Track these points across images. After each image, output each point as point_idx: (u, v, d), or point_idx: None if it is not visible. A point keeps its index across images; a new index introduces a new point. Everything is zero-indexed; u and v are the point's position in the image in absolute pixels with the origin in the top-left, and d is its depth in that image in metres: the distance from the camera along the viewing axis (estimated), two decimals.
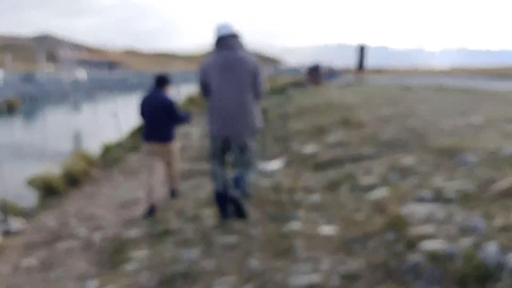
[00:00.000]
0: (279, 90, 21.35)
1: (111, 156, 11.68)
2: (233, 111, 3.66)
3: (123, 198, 6.55)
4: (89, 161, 10.40)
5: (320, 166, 4.85)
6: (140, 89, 33.27)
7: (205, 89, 3.78)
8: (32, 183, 9.23)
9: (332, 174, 4.49)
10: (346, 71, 30.93)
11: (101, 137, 16.43)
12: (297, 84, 21.66)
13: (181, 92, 26.36)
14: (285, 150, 6.52)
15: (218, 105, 3.68)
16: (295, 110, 10.92)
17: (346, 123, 7.14)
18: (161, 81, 5.35)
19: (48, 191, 8.49)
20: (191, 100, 23.15)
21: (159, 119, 5.23)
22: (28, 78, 38.83)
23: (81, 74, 49.11)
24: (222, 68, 3.67)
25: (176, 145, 5.46)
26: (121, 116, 18.03)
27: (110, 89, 35.15)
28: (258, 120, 3.74)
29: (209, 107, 3.76)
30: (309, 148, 5.59)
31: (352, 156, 4.83)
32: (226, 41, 3.72)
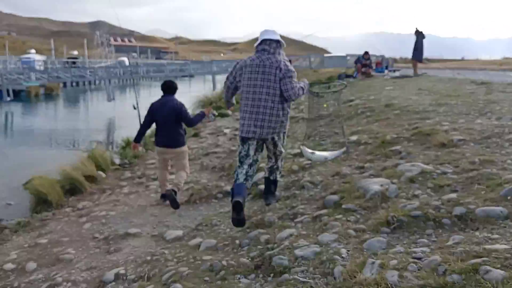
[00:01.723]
0: (323, 83, 19.19)
1: (130, 153, 10.24)
2: (261, 115, 3.88)
3: (112, 229, 4.93)
4: (102, 162, 9.01)
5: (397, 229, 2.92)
6: (181, 76, 32.30)
7: (230, 84, 4.17)
8: (29, 187, 7.93)
9: None
10: (396, 62, 28.06)
11: (129, 130, 15.20)
12: (344, 76, 19.38)
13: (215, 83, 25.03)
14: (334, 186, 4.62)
15: (248, 107, 3.94)
16: (345, 109, 8.91)
17: (421, 137, 5.11)
18: (171, 89, 5.63)
19: (42, 201, 7.13)
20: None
21: (171, 124, 5.46)
22: (72, 63, 38.90)
23: (124, 60, 48.91)
24: (256, 71, 3.89)
25: (186, 150, 5.82)
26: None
27: (152, 75, 34.20)
28: (284, 125, 4.12)
29: (241, 106, 4.01)
30: (375, 186, 3.65)
31: (456, 215, 2.86)
32: (268, 45, 3.95)
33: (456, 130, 5.04)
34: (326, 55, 22.11)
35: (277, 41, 3.98)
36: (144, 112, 5.96)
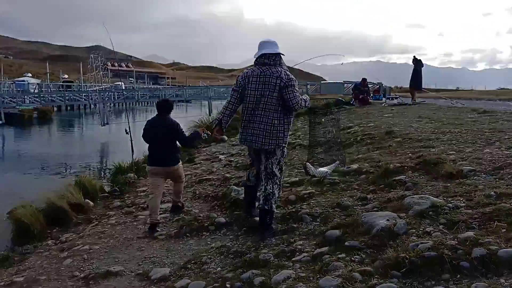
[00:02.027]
0: (321, 109, 19.04)
1: (121, 180, 9.88)
2: (259, 124, 3.95)
3: (94, 266, 4.53)
4: (91, 189, 8.63)
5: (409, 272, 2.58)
6: (178, 101, 32.14)
7: (237, 94, 4.15)
8: (12, 217, 7.52)
9: None
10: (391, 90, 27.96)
11: (122, 155, 14.86)
12: (341, 103, 19.25)
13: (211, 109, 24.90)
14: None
15: (248, 117, 4.02)
16: (344, 136, 8.65)
17: (427, 166, 4.81)
18: (165, 107, 5.55)
19: (24, 232, 6.71)
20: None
21: (165, 142, 5.45)
22: (67, 86, 38.80)
23: (120, 84, 48.99)
24: (257, 82, 3.96)
25: (180, 167, 5.84)
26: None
27: (147, 100, 34.17)
28: (284, 136, 4.06)
29: (242, 118, 4.11)
30: (381, 221, 3.31)
31: (476, 257, 2.53)
32: (267, 58, 3.99)
33: (464, 160, 4.74)
34: (322, 82, 22.03)
35: (277, 54, 4.03)
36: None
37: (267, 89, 3.91)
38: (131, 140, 10.51)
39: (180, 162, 5.87)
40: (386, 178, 4.83)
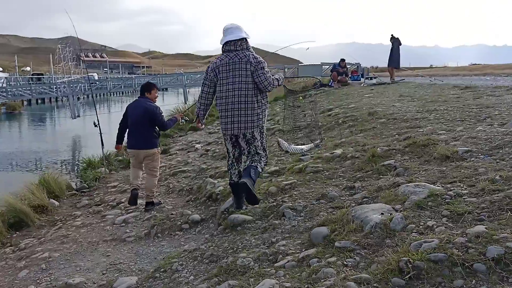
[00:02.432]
0: (299, 92, 18.60)
1: (90, 176, 9.29)
2: (237, 111, 3.95)
3: (52, 277, 4.01)
4: (56, 187, 8.01)
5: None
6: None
7: (208, 89, 4.13)
8: None
9: None
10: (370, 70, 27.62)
11: (94, 149, 14.16)
12: (319, 85, 18.84)
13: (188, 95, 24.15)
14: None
15: (224, 105, 4.01)
16: (325, 119, 8.22)
17: (417, 149, 4.41)
18: (146, 88, 5.71)
19: None
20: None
21: (142, 125, 5.49)
22: (37, 79, 37.14)
23: (94, 75, 47.36)
24: (227, 69, 3.97)
25: (157, 152, 5.75)
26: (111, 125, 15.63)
27: (119, 90, 33.11)
28: (262, 117, 4.09)
29: (217, 105, 4.09)
30: (374, 216, 2.88)
31: (492, 258, 2.12)
32: (231, 45, 4.01)
33: (457, 140, 4.36)
34: (300, 65, 21.52)
35: (242, 39, 4.03)
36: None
37: (239, 75, 3.94)
38: (101, 133, 9.84)
39: (158, 149, 5.82)
40: (374, 164, 4.42)
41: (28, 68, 55.14)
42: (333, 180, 4.40)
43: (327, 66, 22.29)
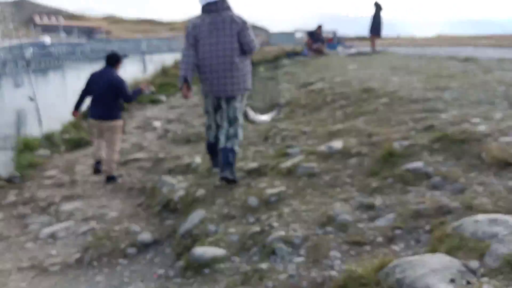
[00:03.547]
0: (270, 62, 17.19)
1: (25, 161, 7.69)
2: (223, 72, 3.74)
3: None
4: None
5: None
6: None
7: (189, 51, 3.78)
8: None
9: None
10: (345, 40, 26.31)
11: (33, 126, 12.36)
12: (292, 54, 17.48)
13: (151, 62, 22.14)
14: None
15: (207, 66, 3.76)
16: (309, 97, 6.93)
17: (451, 145, 3.21)
18: (112, 59, 5.53)
19: None
20: (163, 72, 18.77)
21: (107, 96, 5.33)
22: None
23: (46, 40, 43.62)
24: (210, 29, 3.73)
25: (120, 124, 5.58)
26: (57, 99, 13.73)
27: (79, 58, 30.48)
28: (248, 80, 3.90)
29: (199, 68, 3.82)
30: (441, 286, 1.64)
31: None
32: (212, 5, 3.74)
33: (507, 135, 3.18)
34: (272, 32, 19.94)
35: (221, 0, 3.77)
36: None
37: (223, 35, 3.71)
38: (37, 109, 8.19)
39: (120, 121, 5.57)
40: (392, 166, 3.20)
41: None
42: (338, 189, 3.15)
43: (301, 34, 20.85)
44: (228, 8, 3.80)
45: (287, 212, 2.95)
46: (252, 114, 5.20)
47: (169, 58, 26.95)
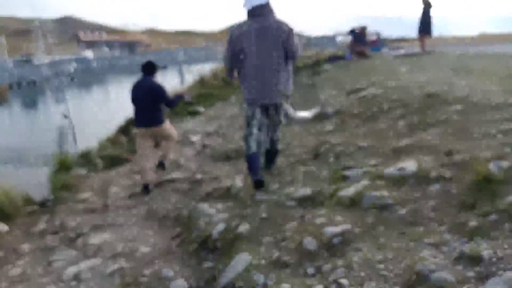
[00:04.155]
0: (311, 67, 16.45)
1: (59, 183, 7.39)
2: (270, 79, 3.75)
3: None
4: (8, 202, 6.16)
5: None
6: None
7: (234, 58, 3.84)
8: None
9: None
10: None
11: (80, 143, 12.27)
12: (334, 58, 16.66)
13: (189, 73, 21.95)
14: None
15: (254, 73, 3.76)
16: (361, 105, 6.17)
17: None
18: (149, 68, 5.60)
19: None
20: (201, 82, 18.45)
21: (149, 104, 5.43)
22: (24, 62, 34.86)
23: (88, 55, 44.97)
24: (257, 36, 3.69)
25: (168, 124, 5.74)
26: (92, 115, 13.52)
27: (120, 71, 31.04)
28: (290, 85, 3.94)
29: (244, 75, 3.87)
30: None
31: None
32: (258, 10, 3.72)
33: None
34: (311, 36, 19.20)
35: (267, 4, 3.75)
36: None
37: (271, 41, 3.69)
38: (72, 127, 7.92)
39: (166, 122, 5.72)
40: (492, 196, 2.44)
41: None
42: (421, 229, 2.43)
43: (341, 37, 19.97)
44: (272, 11, 3.78)
45: (357, 261, 2.25)
46: (292, 111, 5.00)
47: (207, 68, 26.82)
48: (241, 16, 4.05)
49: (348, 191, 3.05)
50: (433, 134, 3.80)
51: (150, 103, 5.46)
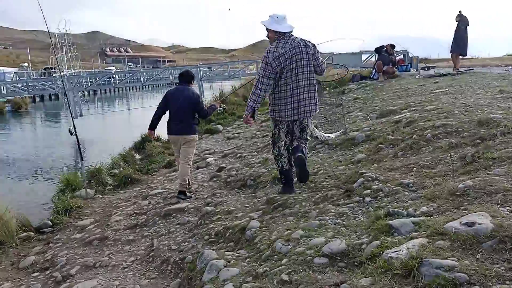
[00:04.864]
0: (335, 86, 15.69)
1: (61, 205, 6.85)
2: (304, 95, 3.99)
3: None
4: (2, 228, 5.63)
5: None
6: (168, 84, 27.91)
7: (271, 80, 3.95)
8: None
9: None
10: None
11: (89, 159, 11.81)
12: (359, 77, 15.86)
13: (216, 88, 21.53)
14: None
15: (290, 91, 3.95)
16: (394, 129, 5.40)
17: None
18: (187, 77, 5.81)
19: None
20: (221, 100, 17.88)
21: (185, 112, 5.57)
22: (49, 74, 35.19)
23: (112, 69, 45.33)
24: (291, 55, 3.91)
25: (195, 139, 5.82)
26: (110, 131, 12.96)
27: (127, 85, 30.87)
28: (318, 102, 4.21)
29: (280, 93, 3.99)
30: None
31: None
32: (287, 32, 3.98)
33: None
34: (336, 53, 18.43)
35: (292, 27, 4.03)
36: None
37: (301, 59, 3.93)
38: (78, 144, 7.37)
39: (196, 136, 5.82)
40: None
41: (26, 64, 53.74)
42: None
43: (368, 55, 19.17)
44: (291, 26, 4.03)
45: None
46: (316, 130, 5.08)
47: (228, 85, 26.36)
48: (263, 33, 4.16)
49: (399, 252, 2.29)
50: (502, 174, 3.01)
51: (186, 112, 5.56)
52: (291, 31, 3.99)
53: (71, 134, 7.28)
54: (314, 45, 4.03)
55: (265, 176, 5.36)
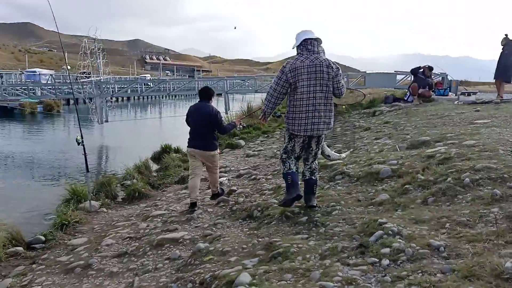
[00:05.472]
0: (365, 107, 14.94)
1: (60, 218, 6.50)
2: (319, 113, 4.06)
3: None
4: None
5: None
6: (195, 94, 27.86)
7: (284, 90, 4.10)
8: None
9: None
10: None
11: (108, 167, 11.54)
12: (392, 99, 15.04)
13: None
14: None
15: (305, 106, 4.04)
16: (415, 163, 4.67)
17: None
18: (206, 93, 5.96)
19: None
20: (247, 114, 17.43)
21: (204, 128, 5.77)
22: (86, 77, 35.87)
23: (147, 76, 45.91)
24: (309, 72, 4.00)
25: (217, 153, 6.01)
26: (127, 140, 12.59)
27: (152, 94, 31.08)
28: (333, 119, 4.25)
29: (294, 107, 4.09)
30: None
31: None
32: (311, 44, 4.09)
33: None
34: (368, 72, 17.64)
35: (317, 39, 4.11)
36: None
37: (320, 78, 4.00)
38: (85, 154, 7.00)
39: (217, 150, 5.98)
40: None
41: (69, 67, 55.35)
42: None
43: (403, 76, 18.26)
44: (323, 51, 4.13)
45: None
46: (327, 149, 5.05)
47: (256, 98, 25.92)
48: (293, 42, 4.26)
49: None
50: None
51: (204, 128, 5.73)
52: (318, 49, 4.07)
53: (78, 144, 6.93)
54: (338, 68, 4.11)
55: (273, 208, 4.76)
